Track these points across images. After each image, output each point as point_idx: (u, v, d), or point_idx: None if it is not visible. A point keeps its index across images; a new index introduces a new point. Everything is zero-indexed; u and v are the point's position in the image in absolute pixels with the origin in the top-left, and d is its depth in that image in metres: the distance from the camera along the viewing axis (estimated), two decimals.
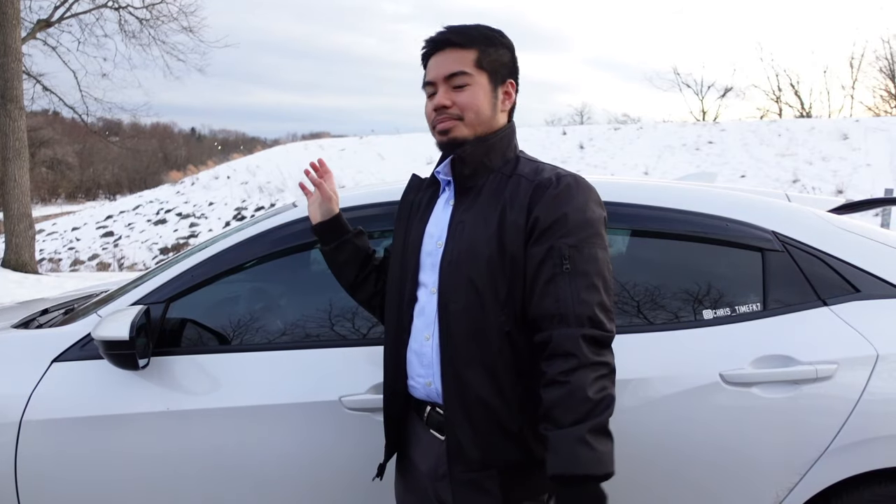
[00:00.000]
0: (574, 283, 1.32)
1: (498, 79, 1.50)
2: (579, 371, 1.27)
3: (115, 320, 1.81)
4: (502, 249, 1.38)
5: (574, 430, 1.24)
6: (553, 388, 1.28)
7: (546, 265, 1.34)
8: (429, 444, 1.51)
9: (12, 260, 11.23)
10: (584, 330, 1.29)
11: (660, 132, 20.31)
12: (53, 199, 42.70)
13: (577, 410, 1.25)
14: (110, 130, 23.47)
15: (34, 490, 1.90)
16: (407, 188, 1.65)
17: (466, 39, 1.47)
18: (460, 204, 1.48)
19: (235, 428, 1.88)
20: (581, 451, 1.23)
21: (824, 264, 1.94)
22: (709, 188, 2.26)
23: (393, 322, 1.56)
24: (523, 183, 1.42)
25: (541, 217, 1.36)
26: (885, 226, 8.57)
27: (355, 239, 1.73)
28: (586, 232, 1.36)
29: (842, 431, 1.79)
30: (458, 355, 1.40)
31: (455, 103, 1.47)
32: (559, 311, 1.31)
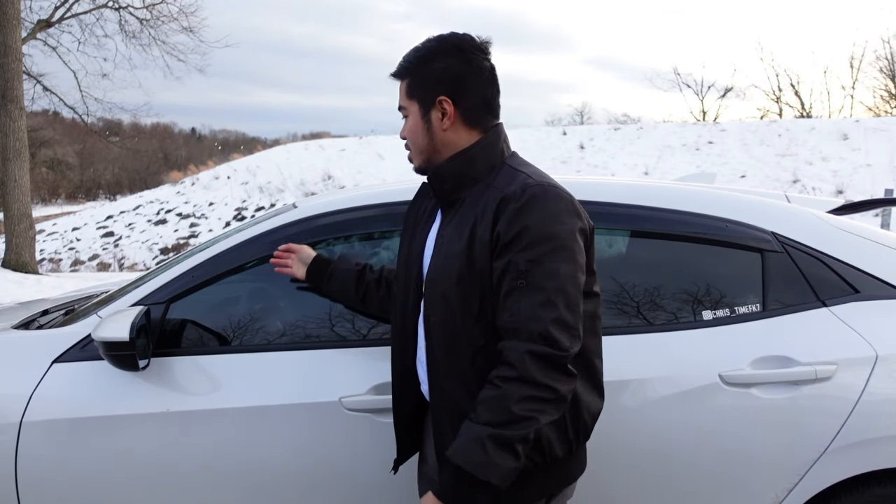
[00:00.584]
0: (530, 298, 1.30)
1: (428, 102, 1.47)
2: (514, 382, 1.27)
3: (115, 321, 1.81)
4: (472, 264, 1.37)
5: (479, 428, 1.27)
6: (487, 388, 1.31)
7: (505, 279, 1.33)
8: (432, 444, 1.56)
9: (12, 260, 11.23)
10: (531, 345, 1.27)
11: (660, 132, 20.31)
12: (54, 199, 42.70)
13: (493, 413, 1.26)
14: (110, 130, 23.49)
15: (34, 491, 1.90)
16: (416, 196, 1.66)
17: (400, 71, 1.51)
18: (445, 217, 1.50)
19: (235, 429, 1.88)
20: (473, 448, 1.26)
21: (824, 265, 1.94)
22: (708, 189, 2.26)
23: (398, 329, 1.59)
24: (493, 195, 1.39)
25: (502, 231, 1.34)
26: (885, 226, 8.57)
27: (339, 264, 1.91)
28: (548, 245, 1.32)
29: (841, 432, 1.79)
30: (438, 366, 1.44)
31: (405, 135, 1.54)
32: (513, 325, 1.31)
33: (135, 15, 14.90)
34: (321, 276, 1.92)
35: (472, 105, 1.47)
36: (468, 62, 1.46)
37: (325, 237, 2.14)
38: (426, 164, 1.51)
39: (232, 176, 21.45)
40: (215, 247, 2.11)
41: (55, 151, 43.49)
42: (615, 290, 1.98)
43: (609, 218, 2.06)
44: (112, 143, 21.08)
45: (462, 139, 1.48)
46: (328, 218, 2.11)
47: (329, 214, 2.11)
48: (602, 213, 2.05)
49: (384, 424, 1.85)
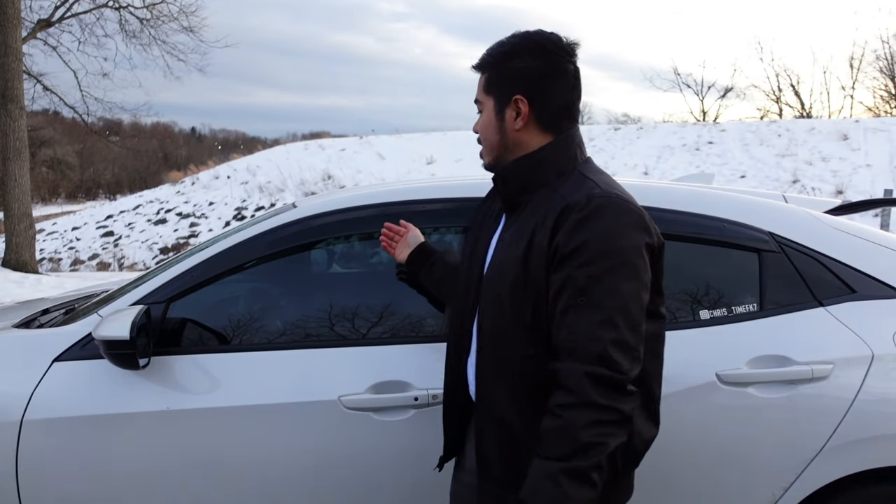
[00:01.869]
0: (589, 317, 1.23)
1: (503, 99, 1.42)
2: (575, 409, 1.20)
3: (115, 320, 1.82)
4: (527, 272, 1.32)
5: (549, 464, 1.19)
6: (549, 418, 1.22)
7: (563, 295, 1.26)
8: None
9: (12, 260, 11.23)
10: (590, 367, 1.20)
11: (660, 132, 20.31)
12: (54, 198, 42.68)
13: (560, 446, 1.19)
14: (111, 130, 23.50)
15: (35, 489, 1.91)
16: (487, 196, 1.65)
17: (482, 64, 1.47)
18: (508, 220, 1.46)
19: (235, 427, 1.89)
20: (546, 487, 1.18)
21: (820, 265, 1.95)
22: (706, 189, 2.27)
23: (455, 326, 1.57)
24: (557, 202, 1.32)
25: (561, 242, 1.27)
26: (884, 226, 8.58)
27: (445, 256, 1.85)
28: (610, 261, 1.24)
29: (837, 431, 1.80)
30: (486, 373, 1.41)
31: (478, 130, 1.51)
32: (570, 345, 1.23)
33: (135, 14, 14.90)
34: (422, 263, 1.87)
35: (548, 107, 1.41)
36: (550, 63, 1.40)
37: (325, 237, 2.14)
38: (495, 161, 1.47)
39: (232, 176, 21.45)
40: (215, 246, 2.12)
41: (55, 151, 43.47)
42: None
43: None
44: (112, 143, 21.08)
45: (534, 141, 1.41)
46: (328, 217, 2.11)
47: (329, 214, 2.12)
48: None
49: (383, 423, 1.86)
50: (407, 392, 1.87)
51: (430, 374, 1.85)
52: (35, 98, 15.34)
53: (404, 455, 1.87)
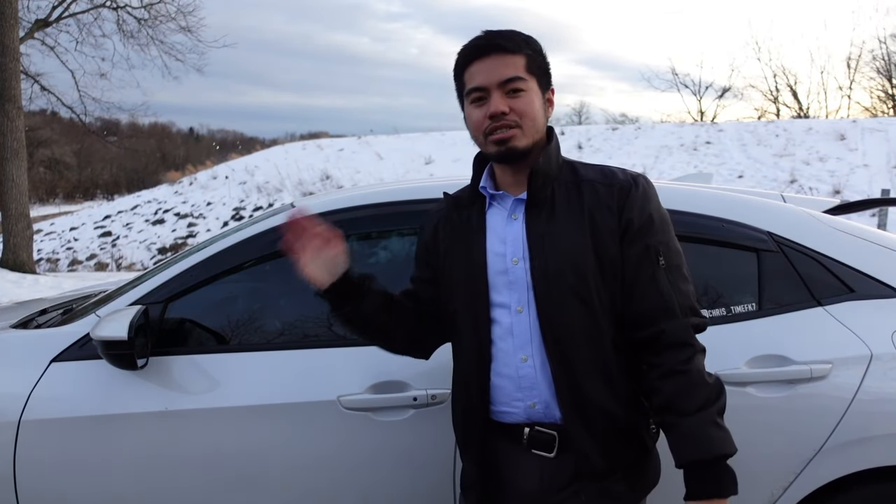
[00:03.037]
0: (672, 277, 1.38)
1: (544, 85, 1.45)
2: (694, 359, 1.34)
3: (113, 320, 1.82)
4: (599, 256, 1.38)
5: (704, 415, 1.30)
6: (673, 378, 1.33)
7: (644, 263, 1.38)
8: (531, 464, 1.44)
9: (10, 260, 11.22)
10: (690, 319, 1.37)
11: (657, 132, 20.33)
12: (51, 199, 42.63)
13: (701, 396, 1.31)
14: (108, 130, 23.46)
15: (33, 490, 1.90)
16: (447, 208, 1.55)
17: (515, 44, 1.40)
18: (535, 217, 1.41)
19: (234, 428, 1.89)
20: (714, 433, 1.29)
21: (819, 265, 1.95)
22: (705, 189, 2.27)
23: (470, 350, 1.46)
24: (600, 188, 1.42)
25: (633, 219, 1.39)
26: (881, 226, 8.60)
27: (373, 285, 1.51)
28: (668, 227, 1.43)
29: (836, 430, 1.80)
30: (572, 369, 1.37)
31: (513, 110, 1.39)
32: (666, 305, 1.36)
33: (133, 14, 14.88)
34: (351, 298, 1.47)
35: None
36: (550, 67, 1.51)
37: None
38: (533, 146, 1.42)
39: (230, 176, 21.43)
40: (213, 246, 2.11)
41: (53, 151, 43.41)
42: None
43: None
44: (110, 143, 21.04)
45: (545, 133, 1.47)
46: (326, 218, 2.10)
47: (327, 214, 2.11)
48: None
49: (382, 423, 1.86)
50: (406, 392, 1.87)
51: (428, 374, 1.85)
52: (32, 98, 15.32)
53: (403, 455, 1.87)
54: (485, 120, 1.40)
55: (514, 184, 1.46)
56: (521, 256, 1.41)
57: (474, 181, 1.50)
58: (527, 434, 1.43)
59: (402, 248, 2.16)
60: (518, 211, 1.44)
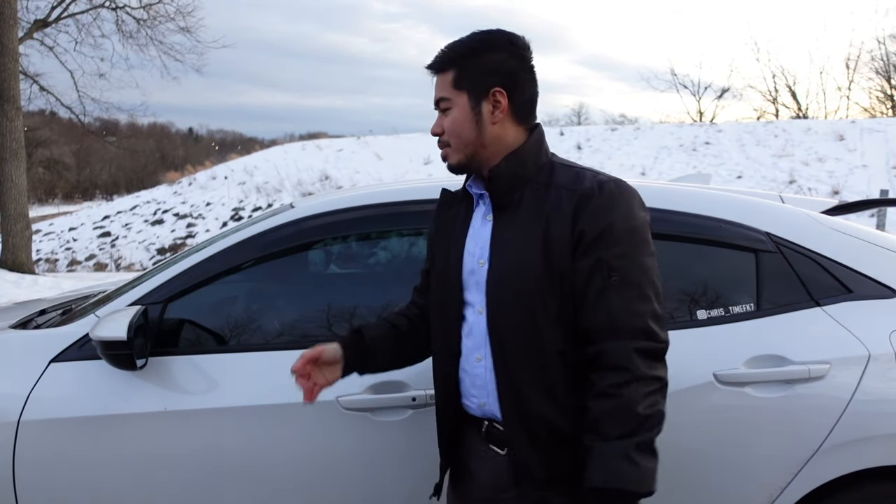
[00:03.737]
0: (625, 295, 1.29)
1: (480, 92, 1.42)
2: (632, 385, 1.25)
3: (112, 321, 1.82)
4: (550, 265, 1.34)
5: (619, 444, 1.23)
6: (603, 400, 1.26)
7: (595, 278, 1.30)
8: (488, 456, 1.48)
9: (9, 260, 11.22)
10: (637, 343, 1.27)
11: (657, 133, 20.34)
12: (50, 199, 42.61)
13: (625, 424, 1.24)
14: (107, 130, 23.43)
15: (32, 490, 1.90)
16: (439, 204, 1.59)
17: (444, 62, 1.44)
18: (500, 219, 1.42)
19: (233, 428, 1.89)
20: (624, 466, 1.22)
21: (817, 265, 1.96)
22: (703, 189, 2.28)
23: (440, 343, 1.52)
24: (564, 194, 1.36)
25: (586, 229, 1.32)
26: (880, 227, 8.60)
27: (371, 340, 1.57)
28: (633, 240, 1.33)
29: (834, 431, 1.81)
30: (514, 376, 1.37)
31: (444, 129, 1.46)
32: (611, 325, 1.28)
33: (132, 15, 14.87)
34: (365, 356, 1.57)
35: (521, 100, 1.45)
36: (520, 59, 1.45)
37: (323, 237, 2.15)
38: (467, 160, 1.44)
39: (229, 176, 21.43)
40: (213, 247, 2.12)
41: (52, 151, 43.35)
42: None
43: None
44: (109, 143, 21.04)
45: (509, 135, 1.44)
46: (326, 218, 2.11)
47: (326, 215, 2.12)
48: None
49: (381, 423, 1.86)
50: (404, 392, 1.87)
51: (427, 374, 1.84)
52: (31, 98, 15.31)
53: (402, 455, 1.87)
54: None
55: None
56: (486, 258, 1.42)
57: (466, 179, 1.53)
58: (485, 427, 1.47)
59: (402, 248, 2.17)
60: (492, 213, 1.46)
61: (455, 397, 1.50)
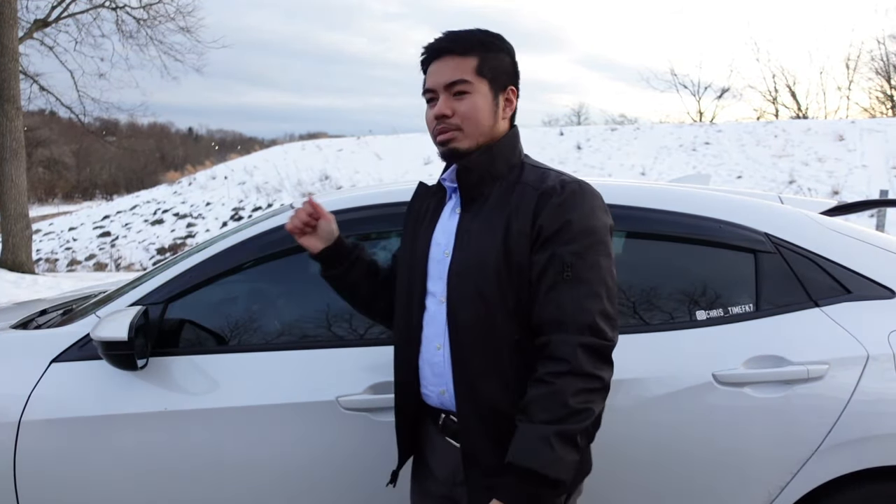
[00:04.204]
0: (575, 291, 1.32)
1: (499, 86, 1.46)
2: (567, 377, 1.28)
3: (113, 321, 1.82)
4: (509, 258, 1.38)
5: (542, 428, 1.27)
6: (538, 386, 1.30)
7: (548, 272, 1.34)
8: (445, 451, 1.51)
9: (9, 260, 11.22)
10: (582, 338, 1.30)
11: (656, 133, 20.35)
12: (50, 199, 42.59)
13: (551, 411, 1.27)
14: (107, 130, 23.41)
15: (33, 490, 1.91)
16: (414, 196, 1.63)
17: (465, 47, 1.44)
18: (467, 212, 1.46)
19: (233, 428, 1.89)
20: (540, 448, 1.26)
21: (816, 266, 1.96)
22: (702, 190, 2.28)
23: (402, 330, 1.54)
24: (528, 191, 1.41)
25: (545, 225, 1.36)
26: (880, 227, 8.60)
27: (361, 254, 1.66)
28: (589, 240, 1.36)
29: (833, 431, 1.81)
30: (469, 365, 1.40)
31: (455, 112, 1.44)
32: (559, 318, 1.32)
33: (132, 15, 14.86)
34: (340, 263, 1.63)
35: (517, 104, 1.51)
36: (517, 66, 1.51)
37: None
38: (476, 148, 1.45)
39: (229, 176, 21.43)
40: (213, 247, 2.12)
41: (52, 151, 43.36)
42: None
43: None
44: (109, 143, 21.01)
45: (504, 132, 1.49)
46: None
47: None
48: None
49: (381, 424, 1.87)
50: None
51: None
52: (31, 98, 15.29)
53: None
54: (433, 120, 1.47)
55: None
56: (450, 250, 1.46)
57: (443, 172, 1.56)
58: (442, 420, 1.50)
59: None
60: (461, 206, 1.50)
61: (415, 386, 1.52)
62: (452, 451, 1.48)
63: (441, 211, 1.54)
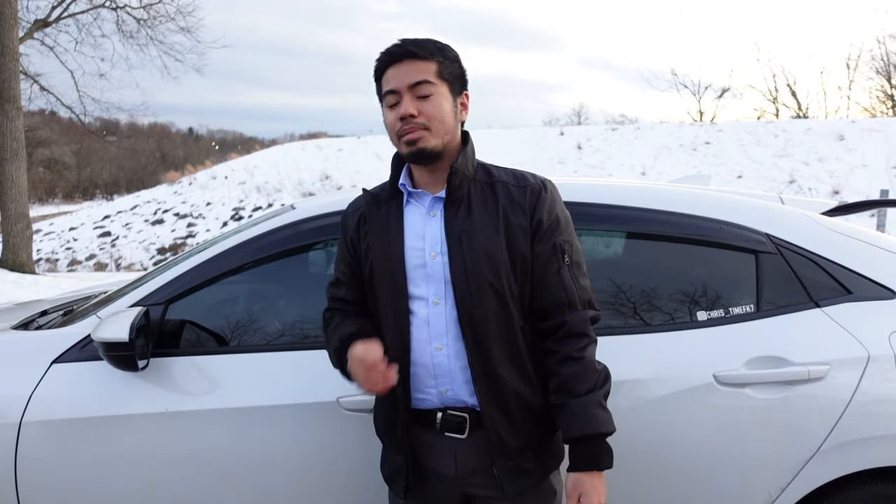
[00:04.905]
0: (574, 273, 1.52)
1: (456, 90, 1.54)
2: (589, 347, 1.49)
3: (114, 322, 1.82)
4: (512, 252, 1.49)
5: (592, 397, 1.45)
6: (570, 364, 1.47)
7: (552, 261, 1.51)
8: (446, 448, 1.53)
9: (9, 260, 11.23)
10: (587, 312, 1.51)
11: (657, 133, 20.35)
12: (50, 199, 42.60)
13: (590, 380, 1.46)
14: (108, 130, 23.43)
15: (34, 491, 1.91)
16: (366, 205, 1.61)
17: (426, 51, 1.50)
18: (453, 214, 1.50)
19: (234, 429, 1.90)
20: (598, 413, 1.45)
21: (817, 266, 1.96)
22: (703, 191, 2.28)
23: (390, 340, 1.52)
24: (514, 190, 1.54)
25: (543, 219, 1.51)
26: (880, 227, 8.60)
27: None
28: (570, 228, 1.57)
29: (833, 432, 1.81)
30: (490, 357, 1.48)
31: (421, 112, 1.48)
32: (569, 299, 1.50)
33: (132, 15, 14.86)
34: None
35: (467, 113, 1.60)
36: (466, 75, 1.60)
37: (324, 239, 2.15)
38: (444, 147, 1.50)
39: (229, 176, 21.44)
40: (214, 248, 2.12)
41: (52, 151, 43.37)
42: (611, 291, 2.00)
43: (605, 219, 2.08)
44: (109, 143, 21.04)
45: (458, 136, 1.57)
46: (327, 219, 2.12)
47: (327, 216, 2.12)
48: (598, 215, 2.06)
49: None
50: None
51: None
52: (32, 98, 15.30)
53: None
54: (397, 122, 1.50)
55: (431, 182, 1.55)
56: (439, 251, 1.50)
57: (393, 178, 1.59)
58: (439, 418, 1.53)
59: None
60: (436, 208, 1.54)
61: (406, 396, 1.53)
62: (455, 445, 1.52)
63: (402, 216, 1.55)
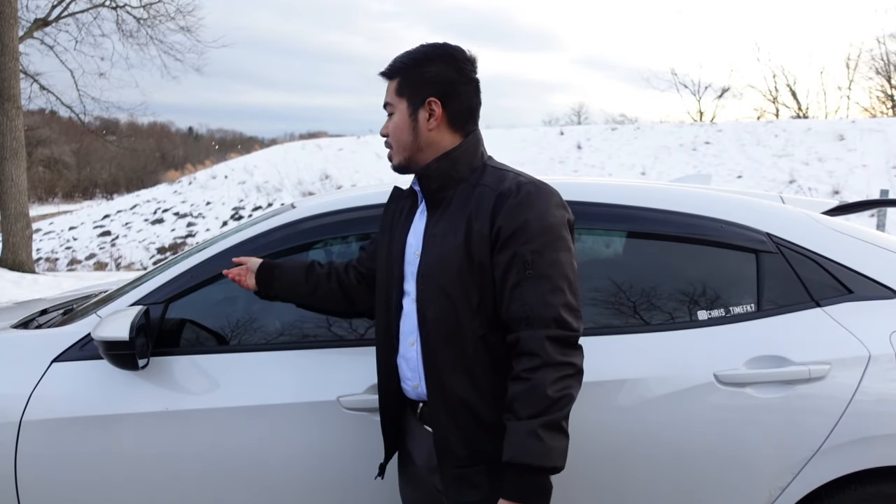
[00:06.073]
0: (539, 287, 1.40)
1: (417, 101, 1.54)
2: (542, 370, 1.35)
3: (114, 321, 1.82)
4: (470, 258, 1.45)
5: (528, 423, 1.34)
6: (516, 383, 1.38)
7: (511, 271, 1.41)
8: (422, 437, 1.60)
9: (9, 259, 11.22)
10: (549, 331, 1.37)
11: (657, 133, 20.35)
12: (50, 198, 42.57)
13: (533, 405, 1.34)
14: (107, 130, 23.41)
15: (34, 490, 1.91)
16: (389, 199, 1.71)
17: (391, 70, 1.58)
18: (432, 216, 1.55)
19: (234, 428, 1.89)
20: (531, 443, 1.33)
21: (818, 266, 1.96)
22: (703, 190, 2.28)
23: (382, 328, 1.64)
24: (487, 193, 1.48)
25: (503, 226, 1.43)
26: (880, 227, 8.60)
27: (285, 263, 1.88)
28: (547, 237, 1.43)
29: (834, 431, 1.81)
30: (437, 360, 1.48)
31: (388, 132, 1.60)
32: (525, 314, 1.39)
33: (132, 14, 14.85)
34: (270, 278, 1.85)
35: (458, 110, 1.56)
36: (459, 71, 1.56)
37: (324, 237, 2.15)
38: (406, 162, 1.58)
39: (229, 175, 21.44)
40: (214, 247, 2.12)
41: (52, 150, 43.35)
42: (611, 291, 2.00)
43: (605, 219, 2.08)
44: (109, 143, 20.98)
45: (445, 140, 1.56)
46: (327, 218, 2.12)
47: (327, 215, 2.12)
48: (598, 214, 2.06)
49: None
50: None
51: None
52: (32, 97, 15.27)
53: None
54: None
55: None
56: (420, 251, 1.55)
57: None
58: (420, 409, 1.58)
59: None
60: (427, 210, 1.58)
61: (395, 382, 1.62)
62: (428, 437, 1.56)
63: (414, 214, 1.62)
